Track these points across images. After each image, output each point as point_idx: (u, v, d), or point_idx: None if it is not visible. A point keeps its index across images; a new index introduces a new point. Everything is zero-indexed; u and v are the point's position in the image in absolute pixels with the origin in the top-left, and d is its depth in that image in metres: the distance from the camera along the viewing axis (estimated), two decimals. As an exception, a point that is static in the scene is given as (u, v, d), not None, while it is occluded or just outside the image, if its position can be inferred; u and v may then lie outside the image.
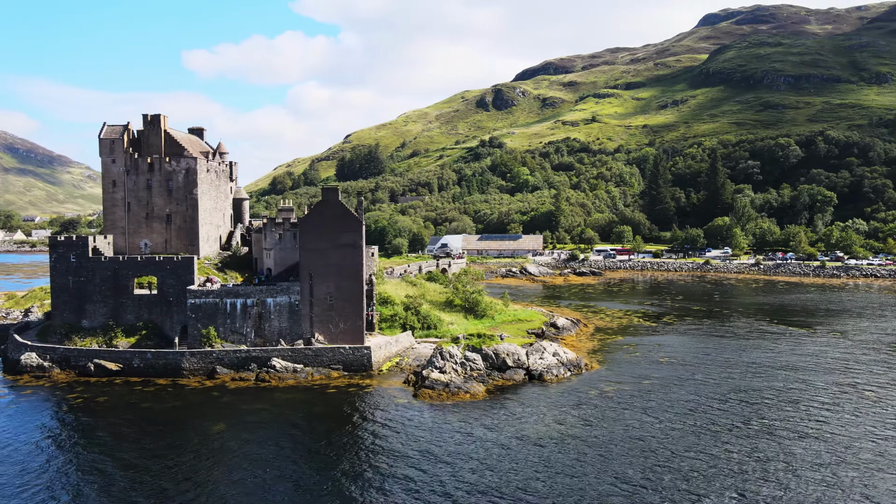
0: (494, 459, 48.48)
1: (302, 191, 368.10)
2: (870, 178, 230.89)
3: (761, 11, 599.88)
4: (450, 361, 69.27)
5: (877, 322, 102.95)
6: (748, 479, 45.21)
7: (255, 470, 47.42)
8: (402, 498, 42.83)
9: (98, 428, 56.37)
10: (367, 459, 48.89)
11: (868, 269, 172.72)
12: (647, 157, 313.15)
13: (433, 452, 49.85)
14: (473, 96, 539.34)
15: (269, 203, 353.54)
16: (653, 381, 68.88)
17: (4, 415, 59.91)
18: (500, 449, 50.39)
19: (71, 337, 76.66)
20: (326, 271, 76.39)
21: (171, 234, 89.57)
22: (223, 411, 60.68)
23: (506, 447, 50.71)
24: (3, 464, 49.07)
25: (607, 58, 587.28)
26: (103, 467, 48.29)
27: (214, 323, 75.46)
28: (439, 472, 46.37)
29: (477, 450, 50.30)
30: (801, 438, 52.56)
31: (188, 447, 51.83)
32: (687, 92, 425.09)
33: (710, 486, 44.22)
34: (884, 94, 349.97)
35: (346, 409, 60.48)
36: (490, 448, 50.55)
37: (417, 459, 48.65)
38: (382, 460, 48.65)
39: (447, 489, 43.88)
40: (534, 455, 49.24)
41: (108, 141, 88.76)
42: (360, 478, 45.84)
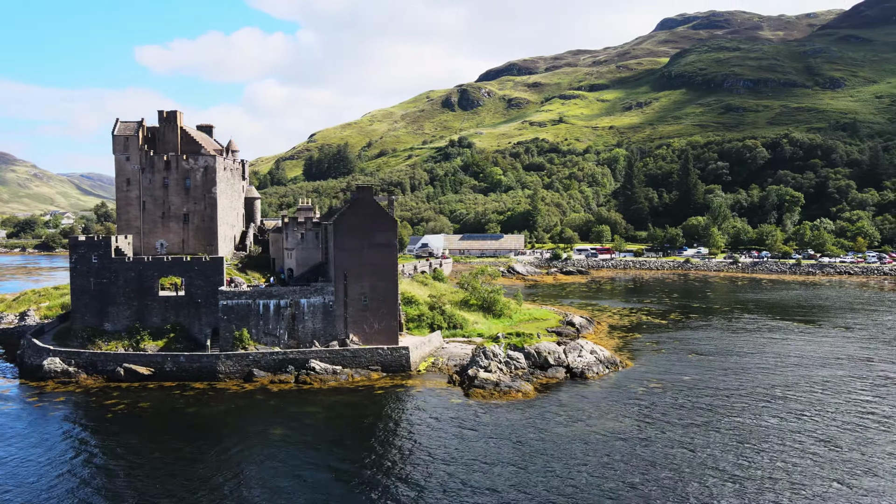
0: (578, 456, 48.88)
1: (271, 190, 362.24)
2: (834, 179, 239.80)
3: (716, 17, 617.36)
4: (494, 360, 69.44)
5: (876, 317, 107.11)
6: (844, 477, 46.72)
7: (326, 474, 46.72)
8: (487, 497, 42.82)
9: (150, 434, 54.60)
10: (443, 461, 48.65)
11: (841, 266, 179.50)
12: (618, 158, 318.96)
13: (509, 452, 49.98)
14: (439, 96, 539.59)
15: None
16: (692, 377, 70.34)
17: (44, 422, 57.51)
18: (583, 444, 50.83)
19: (94, 341, 74.02)
20: (361, 271, 75.64)
21: (189, 234, 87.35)
22: (275, 415, 59.47)
23: (586, 442, 51.18)
24: (59, 471, 47.15)
25: (569, 59, 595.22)
26: (171, 472, 46.87)
27: (247, 324, 73.93)
28: (523, 472, 46.53)
29: (553, 448, 50.63)
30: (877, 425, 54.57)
31: (254, 453, 50.68)
32: (650, 94, 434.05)
33: (789, 483, 45.55)
34: (837, 99, 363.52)
35: (400, 410, 60.01)
36: (568, 445, 50.94)
37: (496, 459, 48.70)
38: (459, 462, 48.50)
39: (537, 488, 44.07)
40: (613, 451, 49.82)
41: (121, 137, 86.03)
42: (440, 479, 45.60)
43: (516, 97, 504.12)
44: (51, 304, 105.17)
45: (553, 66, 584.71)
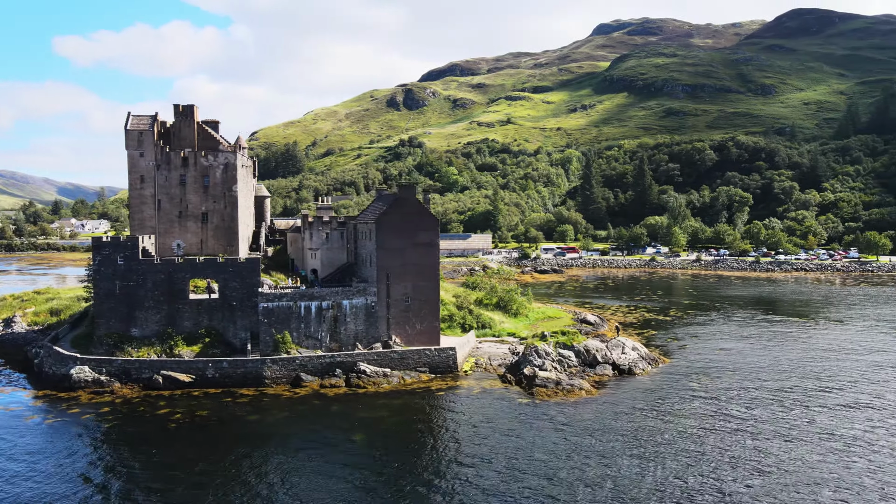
0: (672, 450, 49.70)
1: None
2: (778, 180, 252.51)
3: (650, 24, 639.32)
4: (547, 359, 69.69)
5: (864, 310, 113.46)
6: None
7: (427, 476, 45.83)
8: (589, 495, 43.08)
9: (226, 444, 52.01)
10: (540, 461, 48.50)
11: (797, 263, 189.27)
12: (571, 159, 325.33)
13: (609, 448, 50.34)
14: (383, 95, 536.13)
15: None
16: (733, 370, 72.63)
17: (101, 435, 53.84)
18: (670, 437, 51.68)
19: (122, 347, 69.84)
20: (403, 271, 74.40)
21: (208, 233, 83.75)
22: (345, 420, 57.74)
23: (671, 435, 52.05)
24: (161, 485, 44.39)
25: (511, 61, 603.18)
26: (270, 482, 44.88)
27: (288, 327, 71.46)
28: (637, 467, 46.99)
29: (644, 445, 51.32)
30: (913, 416, 57.77)
31: (345, 460, 49.12)
32: (594, 97, 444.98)
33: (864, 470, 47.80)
34: (769, 105, 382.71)
35: (473, 412, 59.26)
36: (657, 439, 51.72)
37: (588, 457, 48.95)
38: (551, 461, 48.46)
39: (646, 484, 44.61)
40: (702, 444, 50.92)
41: (135, 132, 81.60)
42: (551, 478, 45.51)
43: (461, 98, 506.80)
44: (37, 309, 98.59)
45: (495, 67, 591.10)
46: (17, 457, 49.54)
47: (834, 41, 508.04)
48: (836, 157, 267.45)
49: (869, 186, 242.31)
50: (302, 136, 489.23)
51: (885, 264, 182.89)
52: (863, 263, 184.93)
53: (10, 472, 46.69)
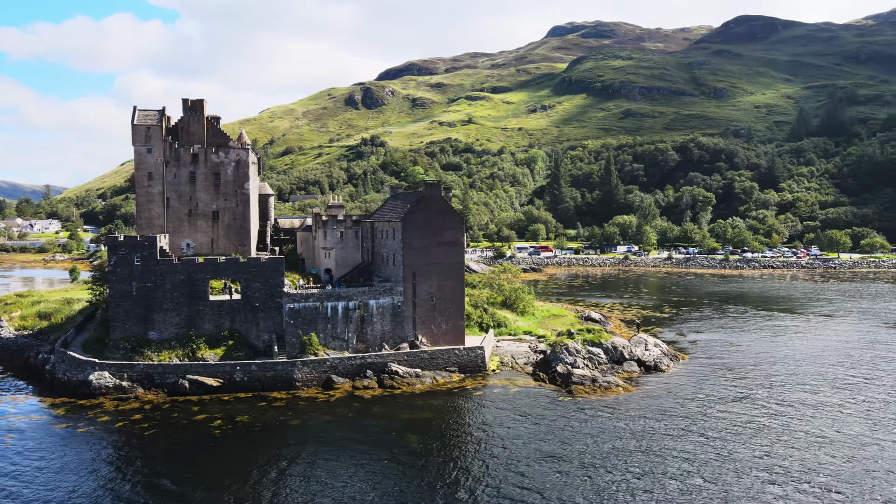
0: (736, 443, 50.64)
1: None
2: (739, 181, 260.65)
3: (603, 27, 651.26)
4: (578, 356, 70.04)
5: (845, 304, 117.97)
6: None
7: (498, 476, 45.51)
8: (662, 494, 43.61)
9: (279, 450, 50.41)
10: (603, 460, 48.73)
11: (764, 260, 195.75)
12: (536, 159, 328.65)
13: (666, 447, 50.90)
14: (341, 94, 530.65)
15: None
16: (754, 364, 74.43)
17: (142, 446, 51.44)
18: (725, 430, 52.59)
19: (141, 351, 66.89)
20: (429, 270, 73.63)
21: (219, 232, 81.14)
22: (392, 422, 56.76)
23: (724, 428, 52.99)
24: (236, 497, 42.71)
25: (468, 62, 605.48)
26: (340, 486, 43.75)
27: (314, 328, 69.79)
28: (716, 461, 47.64)
29: (707, 438, 52.11)
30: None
31: (404, 462, 48.29)
32: (553, 98, 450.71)
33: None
34: (723, 108, 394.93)
35: (522, 412, 58.88)
36: (714, 433, 52.59)
37: (660, 454, 49.47)
38: (615, 461, 48.79)
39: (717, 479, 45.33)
40: (758, 433, 52.03)
41: (142, 128, 78.39)
42: (630, 473, 45.79)
43: (420, 97, 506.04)
44: (24, 313, 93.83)
45: (453, 67, 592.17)
46: (65, 469, 46.84)
47: (778, 47, 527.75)
48: (790, 158, 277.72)
49: (823, 187, 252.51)
50: (259, 134, 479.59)
51: (845, 261, 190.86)
52: (825, 260, 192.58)
53: (65, 487, 44.05)
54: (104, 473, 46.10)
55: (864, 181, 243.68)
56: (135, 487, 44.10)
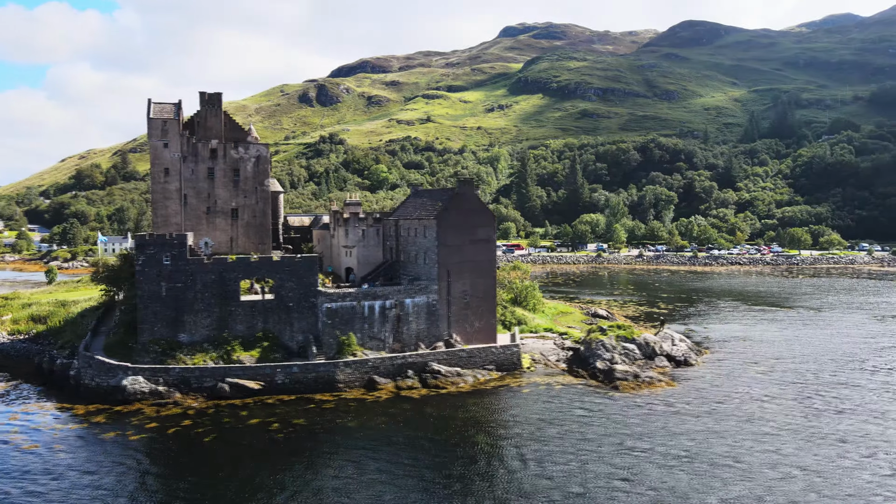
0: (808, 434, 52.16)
1: (129, 186, 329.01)
2: (699, 180, 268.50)
3: (554, 28, 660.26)
4: (615, 352, 70.80)
5: (828, 298, 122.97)
6: None
7: (582, 482, 45.73)
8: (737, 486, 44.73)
9: (350, 452, 49.18)
10: (697, 458, 49.49)
11: (730, 257, 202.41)
12: (499, 157, 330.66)
13: (732, 441, 52.01)
14: (294, 91, 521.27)
15: (91, 199, 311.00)
16: (776, 358, 76.72)
17: (208, 453, 49.33)
18: (797, 421, 54.09)
19: (173, 354, 64.13)
20: (462, 268, 73.14)
21: (238, 230, 78.62)
22: (453, 422, 56.17)
23: (788, 420, 54.52)
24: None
25: (422, 60, 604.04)
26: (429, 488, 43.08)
27: (352, 328, 68.38)
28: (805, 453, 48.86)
29: (777, 429, 53.48)
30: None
31: (487, 463, 47.93)
32: (510, 98, 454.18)
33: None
34: (674, 109, 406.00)
35: (581, 410, 58.94)
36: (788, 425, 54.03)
37: (747, 447, 50.56)
38: (699, 456, 49.64)
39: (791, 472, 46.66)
40: (820, 422, 53.75)
41: (158, 121, 75.22)
42: (702, 472, 46.60)
43: (376, 95, 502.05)
44: (15, 316, 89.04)
45: (406, 65, 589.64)
46: (140, 479, 44.50)
47: (722, 52, 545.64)
48: (745, 159, 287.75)
49: (778, 186, 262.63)
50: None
51: (806, 258, 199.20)
52: (788, 257, 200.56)
53: (156, 499, 41.82)
54: (184, 483, 43.97)
55: (816, 181, 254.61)
56: (217, 493, 42.21)
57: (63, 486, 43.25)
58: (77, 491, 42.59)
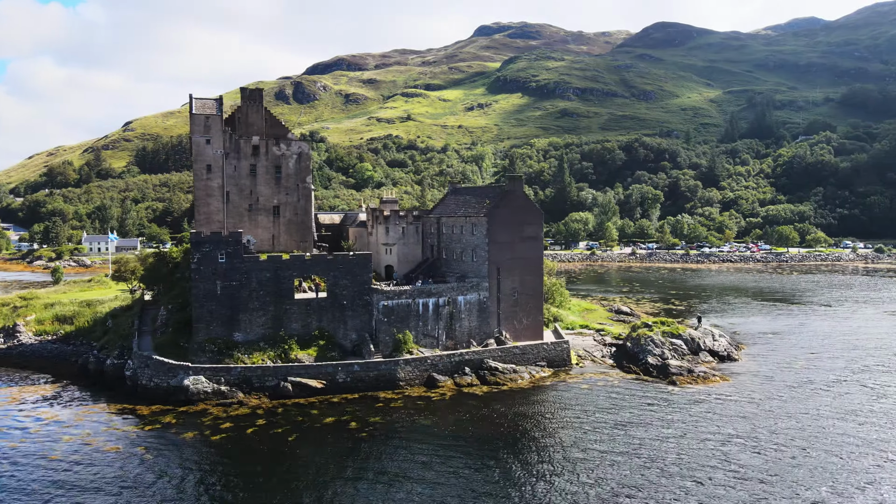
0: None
1: (107, 184, 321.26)
2: (683, 179, 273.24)
3: (529, 28, 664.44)
4: (664, 348, 71.79)
5: (834, 294, 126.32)
6: None
7: (678, 478, 46.49)
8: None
9: (445, 452, 49.08)
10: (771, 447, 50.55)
11: (721, 255, 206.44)
12: (483, 156, 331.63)
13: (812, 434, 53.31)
14: (270, 88, 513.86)
15: (68, 197, 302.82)
16: (813, 353, 78.50)
17: (289, 454, 48.68)
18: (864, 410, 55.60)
19: (230, 354, 63.10)
20: (512, 265, 73.40)
21: (280, 228, 77.65)
22: (530, 418, 56.39)
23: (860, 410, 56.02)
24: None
25: (398, 58, 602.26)
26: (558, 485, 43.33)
27: (407, 326, 68.11)
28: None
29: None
30: None
31: (581, 458, 48.31)
32: (489, 97, 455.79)
33: None
34: (652, 110, 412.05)
35: (645, 405, 59.54)
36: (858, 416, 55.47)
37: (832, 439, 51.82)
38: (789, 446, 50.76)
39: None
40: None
41: (201, 117, 73.93)
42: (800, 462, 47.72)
43: (354, 93, 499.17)
44: (39, 316, 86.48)
45: (383, 63, 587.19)
46: (241, 477, 43.72)
47: (694, 53, 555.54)
48: (727, 158, 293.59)
49: (760, 185, 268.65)
50: (184, 127, 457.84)
51: (795, 255, 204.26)
52: (777, 254, 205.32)
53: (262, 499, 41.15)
54: (278, 481, 43.29)
55: (797, 180, 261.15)
56: (317, 492, 41.73)
57: (161, 488, 42.30)
58: (176, 492, 41.69)
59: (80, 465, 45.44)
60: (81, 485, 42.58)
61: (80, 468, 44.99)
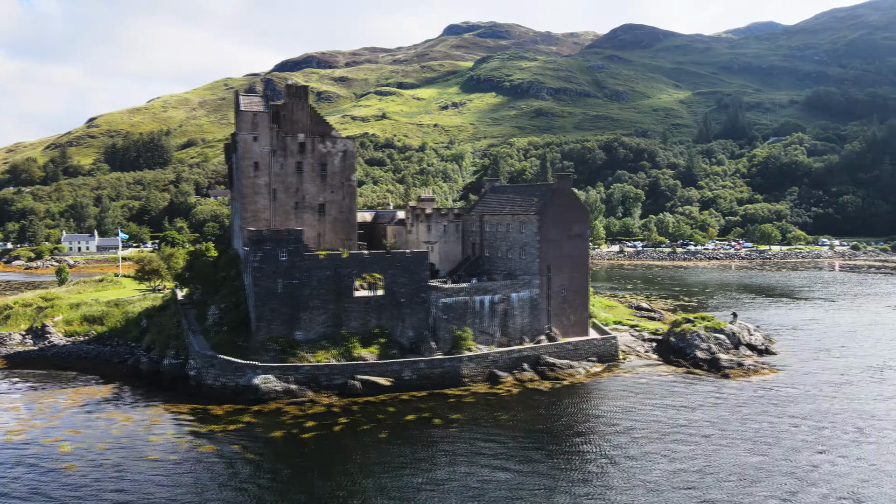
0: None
1: (78, 181, 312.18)
2: (663, 178, 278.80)
3: (498, 28, 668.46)
4: (709, 342, 73.68)
5: (831, 289, 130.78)
6: None
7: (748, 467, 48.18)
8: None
9: (537, 444, 49.80)
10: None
11: (706, 252, 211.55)
12: (463, 155, 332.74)
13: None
14: (240, 84, 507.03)
15: (37, 195, 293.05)
16: (843, 346, 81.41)
17: (387, 451, 48.72)
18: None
19: (293, 352, 62.64)
20: (561, 263, 74.40)
21: (325, 226, 77.18)
22: (603, 411, 57.47)
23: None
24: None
25: (368, 56, 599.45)
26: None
27: (465, 323, 68.50)
28: None
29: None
30: None
31: (673, 450, 49.62)
32: (463, 95, 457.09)
33: None
34: (625, 110, 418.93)
35: (711, 398, 60.92)
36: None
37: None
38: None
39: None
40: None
41: (249, 114, 73.04)
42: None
43: (326, 91, 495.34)
44: (67, 317, 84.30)
45: (353, 61, 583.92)
46: (356, 476, 43.62)
47: (661, 55, 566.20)
48: (703, 158, 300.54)
49: (737, 185, 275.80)
50: (152, 124, 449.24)
51: (777, 252, 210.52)
52: (761, 252, 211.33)
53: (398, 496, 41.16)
54: (391, 477, 43.39)
55: (773, 180, 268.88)
56: (431, 488, 42.02)
57: (276, 486, 42.00)
58: (293, 491, 41.47)
59: (185, 463, 44.85)
60: (203, 482, 42.18)
61: (187, 467, 44.44)
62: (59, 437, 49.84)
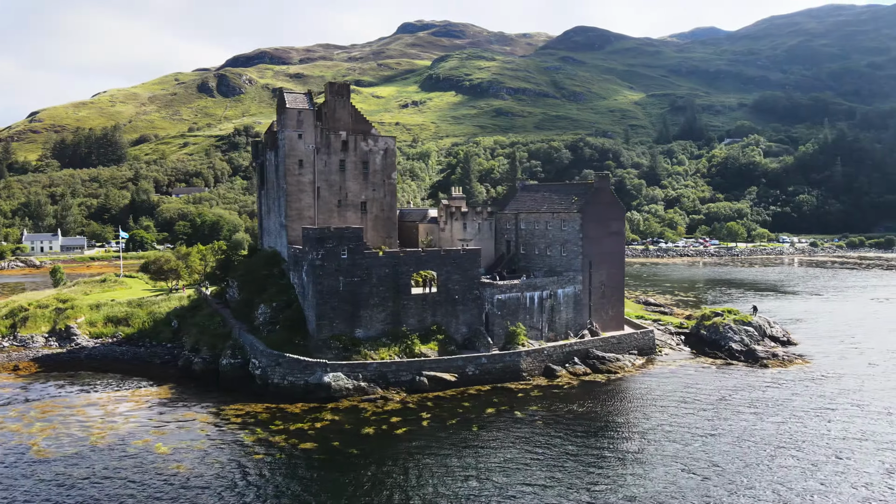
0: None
1: (27, 178, 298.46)
2: (628, 178, 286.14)
3: (452, 27, 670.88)
4: (741, 334, 76.98)
5: (816, 283, 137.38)
6: None
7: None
8: None
9: (622, 435, 51.50)
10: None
11: (677, 249, 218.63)
12: (429, 153, 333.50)
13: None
14: (191, 80, 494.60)
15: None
16: (864, 335, 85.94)
17: (485, 447, 49.58)
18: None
19: (356, 350, 62.62)
20: (601, 259, 76.45)
21: (367, 224, 77.08)
22: (669, 401, 59.56)
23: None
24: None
25: (323, 53, 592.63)
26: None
27: (517, 318, 69.77)
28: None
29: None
30: None
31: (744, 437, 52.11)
32: (422, 94, 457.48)
33: None
34: (583, 111, 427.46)
35: (763, 387, 63.99)
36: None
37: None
38: None
39: None
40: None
41: (294, 111, 72.48)
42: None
43: (281, 87, 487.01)
44: (89, 318, 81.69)
45: (307, 58, 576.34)
46: (486, 473, 44.22)
47: (613, 57, 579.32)
48: (664, 158, 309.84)
49: (698, 185, 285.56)
50: (99, 119, 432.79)
51: (743, 249, 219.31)
52: (728, 249, 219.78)
53: (523, 490, 41.93)
54: (498, 470, 44.27)
55: (732, 180, 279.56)
56: (536, 479, 43.20)
57: (399, 480, 42.28)
58: (417, 480, 41.88)
59: (298, 460, 44.53)
60: (330, 478, 42.13)
61: (302, 463, 44.18)
62: (148, 439, 48.63)
